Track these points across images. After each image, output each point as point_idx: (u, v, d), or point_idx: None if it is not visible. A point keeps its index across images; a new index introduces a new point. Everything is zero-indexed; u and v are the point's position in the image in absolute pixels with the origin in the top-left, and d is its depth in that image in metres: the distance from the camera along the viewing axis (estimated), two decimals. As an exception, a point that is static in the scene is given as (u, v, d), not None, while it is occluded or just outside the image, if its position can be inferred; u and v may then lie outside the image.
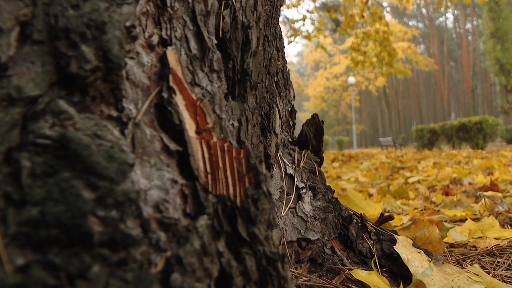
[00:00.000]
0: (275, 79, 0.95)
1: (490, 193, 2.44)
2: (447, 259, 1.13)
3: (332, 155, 11.21)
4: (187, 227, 0.45)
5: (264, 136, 0.86)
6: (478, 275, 0.88)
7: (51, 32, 0.43)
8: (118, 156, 0.40)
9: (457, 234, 1.47)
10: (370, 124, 67.72)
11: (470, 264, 1.12)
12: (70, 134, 0.39)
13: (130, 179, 0.41)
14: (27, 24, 0.43)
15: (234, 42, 0.66)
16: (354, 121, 26.89)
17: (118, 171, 0.39)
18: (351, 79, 31.00)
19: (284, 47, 1.10)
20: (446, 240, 1.39)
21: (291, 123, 1.21)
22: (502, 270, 1.07)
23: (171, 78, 0.50)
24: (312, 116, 1.28)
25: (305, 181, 1.03)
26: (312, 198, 1.00)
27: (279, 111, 0.98)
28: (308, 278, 0.85)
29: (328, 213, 0.99)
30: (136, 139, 0.46)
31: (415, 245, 1.02)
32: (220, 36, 0.64)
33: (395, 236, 1.01)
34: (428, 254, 0.99)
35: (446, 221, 1.75)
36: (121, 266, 0.37)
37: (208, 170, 0.50)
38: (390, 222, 1.43)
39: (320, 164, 1.23)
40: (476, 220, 1.69)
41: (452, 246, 1.37)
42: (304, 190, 1.00)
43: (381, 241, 1.00)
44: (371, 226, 1.06)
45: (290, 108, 1.18)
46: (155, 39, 0.53)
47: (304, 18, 11.76)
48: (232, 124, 0.61)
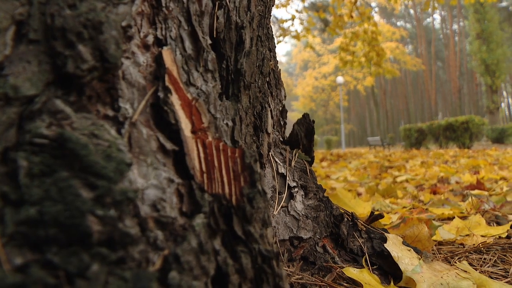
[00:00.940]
0: (267, 79, 0.95)
1: (476, 191, 2.48)
2: (436, 257, 1.15)
3: (321, 155, 11.27)
4: (183, 226, 0.45)
5: (256, 135, 0.87)
6: (466, 271, 0.89)
7: (47, 32, 0.43)
8: (116, 156, 0.40)
9: (445, 232, 1.49)
10: (359, 123, 68.11)
11: (458, 261, 1.14)
12: (68, 134, 0.39)
13: (128, 178, 0.41)
14: (23, 23, 0.43)
15: (228, 42, 0.66)
16: (342, 120, 27.01)
17: (116, 170, 0.40)
18: (340, 79, 31.15)
19: (275, 47, 1.10)
20: (434, 238, 1.41)
21: (282, 123, 1.22)
22: (489, 267, 1.09)
23: (166, 78, 0.51)
24: (303, 115, 1.29)
25: (296, 180, 1.03)
26: (303, 197, 1.01)
27: (271, 110, 0.98)
28: (300, 276, 0.86)
29: (320, 211, 1.00)
30: (133, 138, 0.46)
31: (404, 243, 1.04)
32: (214, 36, 0.65)
33: (386, 234, 1.03)
34: (417, 251, 1.00)
35: (434, 219, 1.78)
36: (119, 265, 0.37)
37: (204, 169, 0.50)
38: (380, 220, 1.45)
39: (310, 163, 1.23)
40: (463, 218, 1.71)
41: (440, 243, 1.39)
42: (296, 189, 1.01)
43: (371, 239, 1.01)
44: (362, 225, 1.07)
45: (281, 108, 1.19)
46: (150, 39, 0.53)
47: (293, 18, 11.80)
48: (226, 124, 0.62)
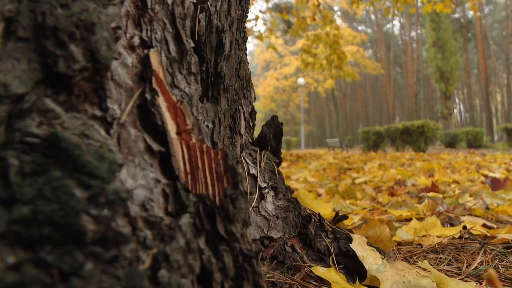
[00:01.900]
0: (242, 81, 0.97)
1: (431, 194, 2.59)
2: (396, 256, 1.20)
3: (281, 155, 11.36)
4: (169, 226, 0.47)
5: (230, 137, 0.88)
6: (426, 270, 0.95)
7: (37, 30, 0.43)
8: (108, 156, 0.41)
9: (403, 233, 1.55)
10: (318, 125, 69.23)
11: (416, 261, 1.20)
12: (62, 134, 0.39)
13: (119, 178, 0.42)
14: (11, 20, 0.43)
15: (209, 46, 0.68)
16: (302, 121, 27.35)
17: (109, 170, 0.40)
18: (301, 80, 31.53)
19: (246, 49, 1.12)
20: (394, 238, 1.47)
21: (251, 124, 1.24)
22: (444, 265, 1.15)
23: (153, 80, 0.51)
24: (271, 118, 1.31)
25: (267, 181, 1.06)
26: (274, 197, 1.03)
27: (243, 112, 1.00)
28: (271, 275, 0.88)
29: (289, 212, 1.03)
30: (122, 139, 0.46)
31: (368, 243, 1.08)
32: (196, 39, 0.66)
33: (351, 234, 1.07)
34: (380, 251, 1.05)
35: (393, 220, 1.85)
36: (112, 264, 0.38)
37: (188, 170, 0.52)
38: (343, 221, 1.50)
39: (278, 164, 1.26)
40: (420, 219, 1.79)
41: (399, 244, 1.45)
42: (266, 190, 1.03)
43: (338, 239, 1.05)
44: (328, 225, 1.11)
45: (250, 109, 1.21)
46: (136, 41, 0.54)
47: (256, 18, 11.85)
48: (207, 126, 0.63)
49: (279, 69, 51.85)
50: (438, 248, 1.31)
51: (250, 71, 1.21)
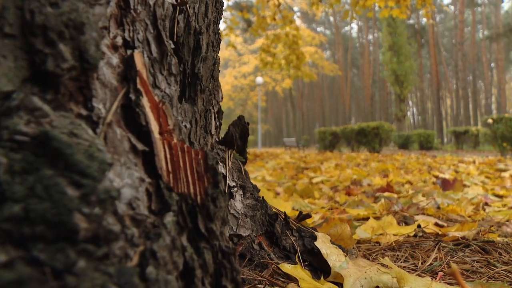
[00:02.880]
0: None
1: (387, 194, 2.69)
2: (357, 254, 1.25)
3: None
4: (153, 224, 0.48)
5: (205, 136, 0.90)
6: (387, 266, 1.00)
7: (25, 27, 0.43)
8: (98, 155, 0.42)
9: (361, 232, 1.61)
10: (275, 124, 69.82)
11: (375, 258, 1.26)
12: (53, 133, 0.40)
13: (108, 177, 0.43)
14: (-3, 17, 0.43)
15: (186, 47, 0.69)
16: (260, 120, 27.52)
17: (99, 169, 0.41)
18: (259, 79, 31.70)
19: (219, 50, 1.14)
20: (353, 237, 1.53)
21: (217, 123, 1.26)
22: (402, 262, 1.21)
23: (138, 81, 0.52)
24: (238, 117, 1.33)
25: (235, 180, 1.08)
26: (242, 196, 1.05)
27: (214, 112, 1.01)
28: (241, 272, 0.91)
29: (256, 211, 1.05)
30: (108, 138, 0.47)
31: (331, 241, 1.12)
32: (174, 40, 0.67)
33: (315, 233, 1.11)
34: (342, 249, 1.10)
35: (352, 219, 1.91)
36: (103, 261, 0.39)
37: (170, 169, 0.53)
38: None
39: (244, 163, 1.28)
40: (377, 218, 1.86)
41: (358, 242, 1.51)
42: (235, 189, 1.05)
43: (303, 237, 1.09)
44: (293, 224, 1.14)
45: (217, 109, 1.22)
46: (119, 41, 0.54)
47: (217, 16, 11.75)
48: (185, 126, 0.64)
49: (238, 67, 51.86)
50: (395, 246, 1.37)
51: (219, 71, 1.22)
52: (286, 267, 0.94)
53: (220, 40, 0.85)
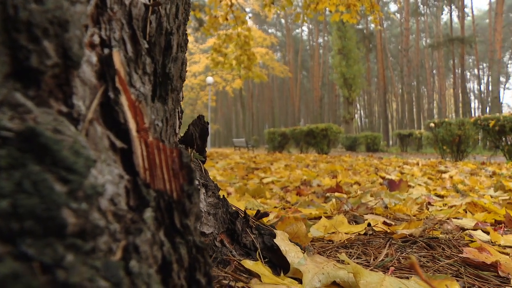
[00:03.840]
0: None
1: (337, 194, 2.78)
2: (314, 251, 1.30)
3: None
4: (132, 219, 0.49)
5: (173, 135, 0.91)
6: (344, 262, 1.05)
7: (7, 22, 0.43)
8: (83, 152, 0.42)
9: (314, 230, 1.67)
10: (225, 124, 69.72)
11: (329, 255, 1.31)
12: (40, 129, 0.40)
13: (92, 173, 0.43)
14: (-22, 11, 0.43)
15: (158, 47, 0.70)
16: (210, 120, 27.41)
17: (85, 165, 0.42)
18: (210, 79, 31.60)
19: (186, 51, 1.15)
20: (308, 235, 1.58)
21: (180, 122, 1.26)
22: (355, 259, 1.27)
23: (117, 79, 0.53)
24: (198, 117, 1.34)
25: (198, 178, 1.09)
26: (205, 194, 1.07)
27: (178, 112, 1.02)
28: (205, 268, 0.92)
29: (218, 209, 1.07)
30: (90, 135, 0.48)
31: (288, 238, 1.16)
32: (147, 40, 0.68)
33: (274, 230, 1.14)
34: (300, 246, 1.14)
35: (305, 218, 1.97)
36: (90, 255, 0.40)
37: (147, 166, 0.54)
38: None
39: (203, 162, 1.30)
40: (328, 218, 1.93)
41: (312, 240, 1.57)
42: (198, 187, 1.06)
43: (262, 235, 1.12)
44: (252, 222, 1.17)
45: (180, 108, 1.23)
46: (96, 39, 0.55)
47: (168, 14, 11.58)
48: (157, 125, 0.65)
49: (188, 66, 51.30)
50: (348, 244, 1.44)
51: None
52: (248, 264, 0.97)
53: (187, 41, 0.87)
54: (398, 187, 2.90)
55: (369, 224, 1.69)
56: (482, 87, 65.15)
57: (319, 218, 1.96)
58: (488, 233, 1.53)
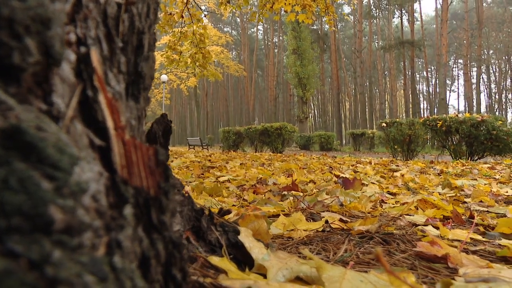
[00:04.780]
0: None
1: (293, 192, 2.83)
2: (277, 247, 1.33)
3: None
4: (111, 216, 0.50)
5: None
6: (305, 257, 1.09)
7: (-13, 19, 0.43)
8: (66, 149, 0.43)
9: (273, 228, 1.70)
10: (179, 122, 68.94)
11: (290, 252, 1.35)
12: (25, 126, 0.40)
13: (75, 171, 0.44)
14: (-44, 6, 0.42)
15: (130, 46, 0.70)
16: (164, 118, 26.96)
17: (70, 163, 0.42)
18: (164, 77, 31.15)
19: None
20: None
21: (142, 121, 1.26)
22: (315, 254, 1.31)
23: (95, 77, 0.53)
24: (161, 115, 1.34)
25: (163, 177, 1.09)
26: (171, 193, 1.07)
27: (145, 110, 1.02)
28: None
29: (184, 206, 1.08)
30: (71, 133, 0.48)
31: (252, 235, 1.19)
32: (120, 38, 0.68)
33: (238, 227, 1.17)
34: (263, 243, 1.17)
35: (265, 216, 2.00)
36: (76, 251, 0.40)
37: (124, 164, 0.55)
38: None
39: (166, 160, 1.30)
40: (286, 215, 1.97)
41: (272, 237, 1.60)
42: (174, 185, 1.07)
43: (226, 232, 1.14)
44: (216, 219, 1.19)
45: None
46: (72, 37, 0.55)
47: (122, 9, 11.32)
48: (132, 123, 0.66)
49: (142, 63, 50.26)
50: (307, 240, 1.48)
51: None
52: (215, 260, 0.99)
53: (156, 40, 0.87)
54: (352, 185, 3.00)
55: (326, 221, 1.75)
56: (431, 89, 68.20)
57: (277, 216, 1.99)
58: (437, 228, 1.62)
